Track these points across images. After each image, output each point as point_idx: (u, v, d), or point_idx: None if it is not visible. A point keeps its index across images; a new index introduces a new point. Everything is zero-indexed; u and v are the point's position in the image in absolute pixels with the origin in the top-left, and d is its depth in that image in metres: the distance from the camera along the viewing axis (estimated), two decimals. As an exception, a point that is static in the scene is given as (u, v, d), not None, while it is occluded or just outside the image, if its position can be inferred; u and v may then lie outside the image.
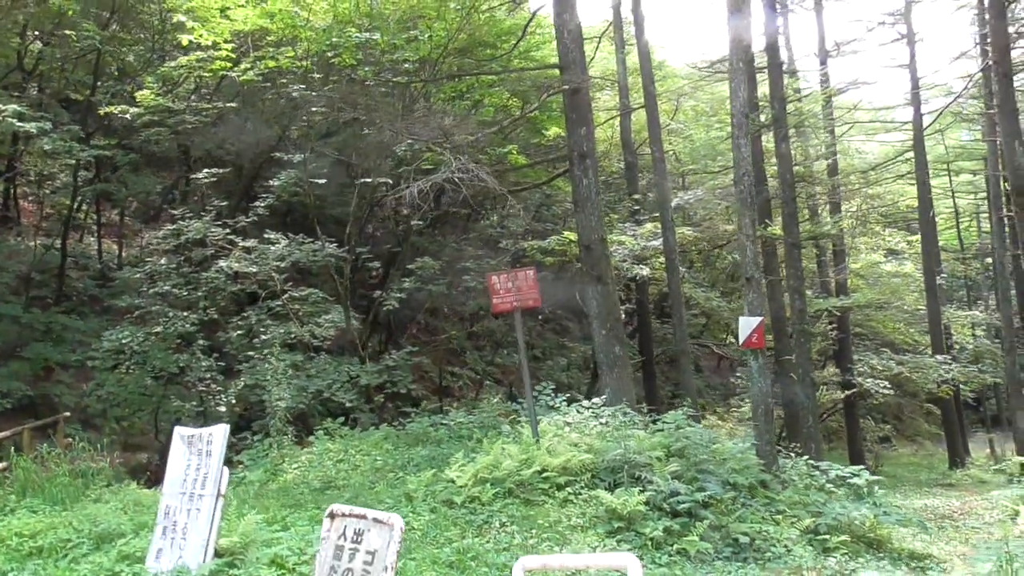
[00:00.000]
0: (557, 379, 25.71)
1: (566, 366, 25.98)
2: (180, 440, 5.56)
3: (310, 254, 13.55)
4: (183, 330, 13.35)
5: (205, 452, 5.33)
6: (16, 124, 13.48)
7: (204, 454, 5.33)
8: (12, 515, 7.43)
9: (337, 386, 12.37)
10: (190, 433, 5.51)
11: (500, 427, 10.29)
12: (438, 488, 7.80)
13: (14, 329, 17.00)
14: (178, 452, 5.53)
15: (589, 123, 12.32)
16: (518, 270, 8.74)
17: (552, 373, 25.73)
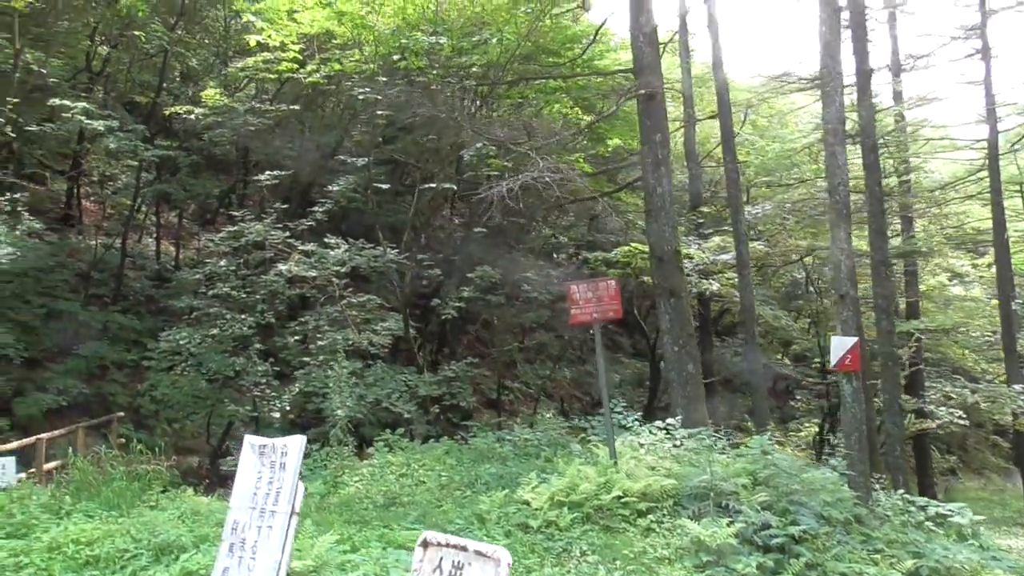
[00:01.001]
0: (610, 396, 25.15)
1: (618, 383, 25.34)
2: (251, 450, 5.17)
3: (371, 259, 13.21)
4: (239, 333, 13.11)
5: (279, 465, 4.92)
6: (84, 121, 13.44)
7: (278, 467, 4.92)
8: (68, 519, 7.12)
9: (396, 396, 11.98)
10: (262, 443, 5.11)
11: (569, 446, 9.77)
12: (511, 510, 7.31)
13: (72, 327, 16.99)
14: (248, 463, 5.13)
15: (664, 130, 11.81)
16: (599, 280, 8.25)
17: (605, 389, 25.15)
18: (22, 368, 15.16)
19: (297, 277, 13.63)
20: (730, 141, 13.27)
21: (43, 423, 14.97)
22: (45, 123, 15.21)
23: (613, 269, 14.88)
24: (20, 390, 15.03)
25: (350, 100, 16.33)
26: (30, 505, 7.26)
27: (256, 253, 13.98)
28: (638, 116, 11.97)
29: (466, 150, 12.57)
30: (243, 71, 14.63)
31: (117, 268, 19.19)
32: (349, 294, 13.60)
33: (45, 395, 15.03)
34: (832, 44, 8.92)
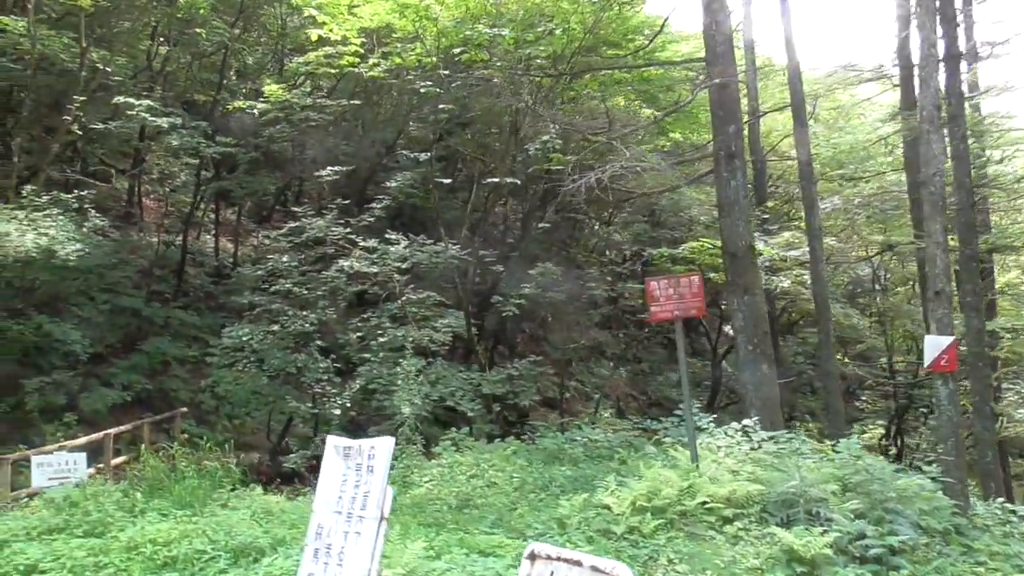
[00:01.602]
0: (667, 396, 24.66)
1: (676, 383, 24.82)
2: (334, 451, 4.96)
3: (432, 256, 13.02)
4: (301, 330, 13.03)
5: (366, 467, 4.71)
6: (148, 119, 13.50)
7: (365, 469, 4.70)
8: (142, 517, 7.03)
9: (460, 394, 11.76)
10: (347, 444, 4.90)
11: (643, 447, 9.44)
12: (590, 515, 7.01)
13: (135, 323, 17.18)
14: (332, 465, 4.93)
15: (738, 121, 11.37)
16: (681, 276, 7.91)
17: (661, 389, 24.66)
18: (87, 363, 15.34)
19: (358, 274, 13.50)
20: (803, 132, 12.75)
21: (108, 418, 15.12)
22: (109, 121, 15.36)
23: (678, 266, 14.46)
24: (86, 385, 15.21)
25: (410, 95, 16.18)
26: (105, 503, 7.19)
27: (316, 249, 13.88)
28: (710, 107, 11.56)
29: (531, 143, 12.29)
30: (304, 66, 14.54)
31: (178, 265, 19.38)
32: (409, 291, 13.41)
33: (110, 391, 15.19)
34: (927, 25, 8.42)
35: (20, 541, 6.48)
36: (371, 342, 13.59)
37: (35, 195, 12.37)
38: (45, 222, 11.88)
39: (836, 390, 12.52)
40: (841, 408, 12.55)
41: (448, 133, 19.47)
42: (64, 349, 15.25)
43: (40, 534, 6.62)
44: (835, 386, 12.47)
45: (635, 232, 17.77)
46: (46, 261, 12.80)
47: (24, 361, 14.99)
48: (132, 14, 16.87)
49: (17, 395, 14.13)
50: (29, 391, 13.91)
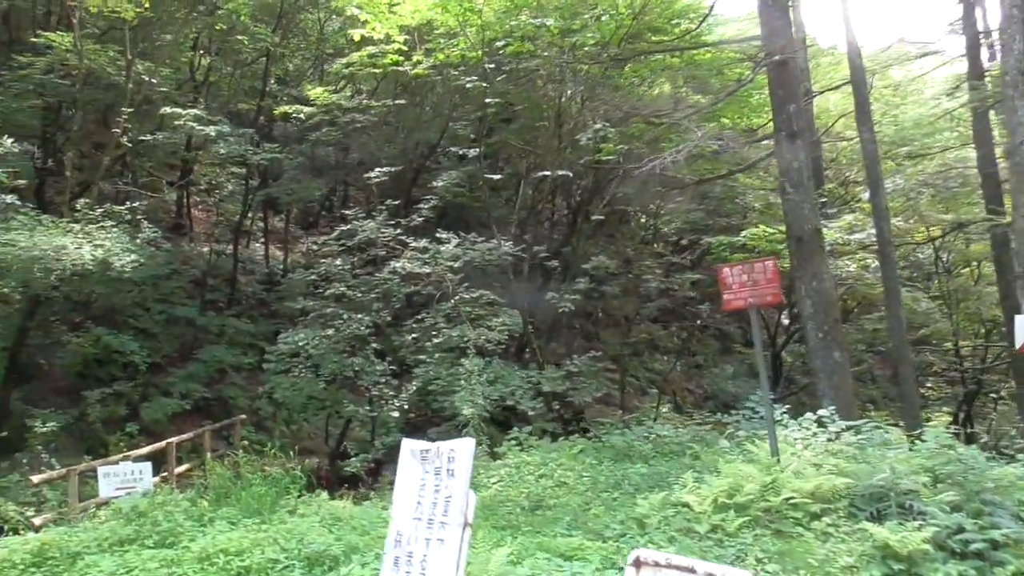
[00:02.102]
0: (723, 388, 24.14)
1: (732, 374, 24.32)
2: (411, 455, 4.74)
3: (485, 253, 12.80)
4: (356, 333, 12.92)
5: (446, 471, 4.49)
6: (196, 128, 13.51)
7: (445, 473, 4.48)
8: (211, 526, 6.93)
9: (520, 393, 11.51)
10: (424, 447, 4.68)
11: (716, 442, 9.08)
12: (670, 513, 6.71)
13: (191, 332, 17.30)
14: (409, 469, 4.72)
15: (798, 99, 10.93)
16: (755, 261, 7.54)
17: (717, 382, 24.14)
18: (146, 374, 15.48)
19: (411, 274, 13.35)
20: (866, 109, 12.24)
21: (168, 427, 15.23)
22: (156, 133, 15.46)
23: (736, 254, 14.03)
24: (146, 395, 15.33)
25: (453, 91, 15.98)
26: (174, 512, 7.10)
27: (368, 252, 13.76)
28: (768, 86, 11.12)
29: (582, 133, 11.99)
30: (347, 67, 14.43)
31: (229, 273, 19.51)
32: (462, 290, 13.21)
33: (169, 400, 15.29)
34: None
35: (93, 553, 6.41)
36: (426, 343, 13.44)
37: (88, 208, 12.44)
38: (99, 234, 11.93)
39: (911, 377, 11.99)
40: (916, 396, 12.01)
41: (492, 129, 19.27)
42: (123, 360, 15.42)
43: (112, 545, 6.54)
44: (909, 373, 11.94)
45: (691, 221, 17.31)
46: (102, 273, 12.88)
47: (85, 373, 15.17)
48: (174, 26, 16.97)
49: (79, 407, 14.29)
50: (91, 402, 14.05)
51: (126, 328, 16.09)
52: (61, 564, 6.30)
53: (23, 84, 14.46)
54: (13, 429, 12.66)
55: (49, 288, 11.73)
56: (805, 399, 22.49)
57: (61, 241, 10.64)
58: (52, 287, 11.73)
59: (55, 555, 6.52)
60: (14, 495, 11.63)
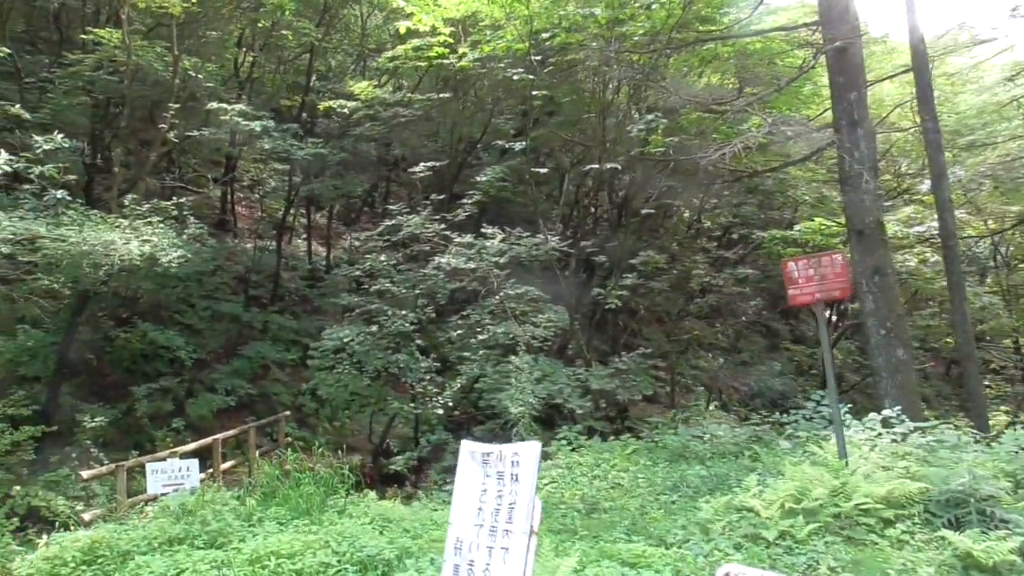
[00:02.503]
0: (770, 386, 23.56)
1: (778, 372, 23.71)
2: (470, 458, 4.52)
3: (531, 248, 12.55)
4: (401, 329, 12.76)
5: (510, 476, 4.26)
6: (241, 123, 13.47)
7: (509, 478, 4.26)
8: (260, 526, 6.80)
9: (568, 391, 11.24)
10: (485, 450, 4.46)
11: (775, 443, 8.74)
12: (734, 518, 6.41)
13: (235, 327, 17.33)
14: (469, 473, 4.50)
15: (860, 86, 10.50)
16: (822, 254, 7.19)
17: (764, 379, 23.57)
18: (191, 369, 15.52)
19: (455, 270, 13.16)
20: (928, 97, 11.73)
21: (213, 423, 15.25)
22: (202, 129, 15.48)
23: (791, 248, 13.59)
24: (191, 391, 15.38)
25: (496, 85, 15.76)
26: (223, 511, 6.98)
27: (412, 247, 13.60)
28: (828, 74, 10.71)
29: (632, 124, 11.67)
30: (391, 60, 14.26)
31: (272, 270, 19.51)
32: (510, 286, 12.98)
33: (215, 396, 15.31)
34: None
35: (142, 552, 6.31)
36: (470, 340, 13.25)
37: (136, 204, 12.45)
38: (146, 230, 11.92)
39: (976, 376, 11.47)
40: (982, 396, 11.49)
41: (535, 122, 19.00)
42: (169, 356, 15.48)
43: (161, 544, 6.45)
44: (975, 371, 11.42)
45: (742, 215, 16.85)
46: (149, 269, 12.90)
47: (132, 368, 15.25)
48: (219, 22, 16.99)
49: (127, 402, 14.36)
50: (139, 398, 14.11)
51: (171, 324, 16.16)
52: (111, 563, 6.22)
53: (73, 81, 14.56)
54: (62, 423, 12.73)
55: (98, 283, 11.75)
56: (856, 398, 21.92)
57: (109, 237, 10.61)
58: (101, 282, 11.75)
59: (105, 553, 6.44)
60: (63, 489, 11.70)
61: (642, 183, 14.18)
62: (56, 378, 13.40)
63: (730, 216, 16.88)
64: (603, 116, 14.17)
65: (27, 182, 12.22)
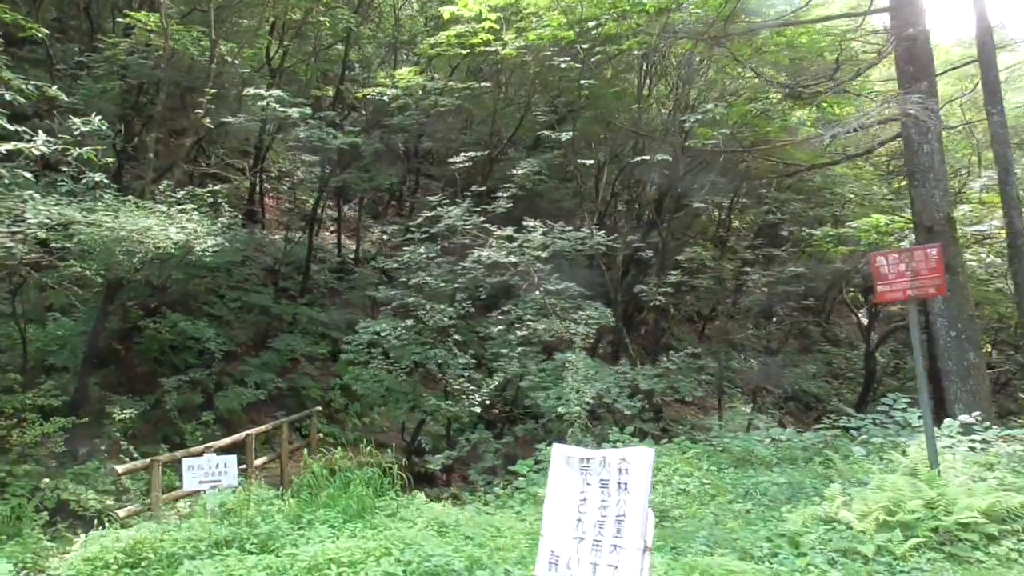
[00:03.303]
0: (805, 388, 23.04)
1: (812, 375, 23.15)
2: (565, 463, 4.10)
3: (576, 242, 12.10)
4: (440, 324, 12.37)
5: (616, 485, 3.84)
6: (278, 109, 13.11)
7: (616, 487, 3.84)
8: (310, 529, 6.41)
9: (617, 391, 10.79)
10: (584, 456, 4.03)
11: (847, 448, 8.25)
12: (822, 531, 5.95)
13: (264, 320, 17.01)
14: (565, 480, 4.08)
15: (930, 75, 10.01)
16: (914, 249, 6.73)
17: (799, 382, 23.03)
18: (221, 361, 15.20)
19: (495, 263, 12.73)
20: (995, 90, 11.19)
21: (242, 417, 14.92)
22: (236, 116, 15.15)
23: (843, 247, 13.07)
24: (220, 384, 15.06)
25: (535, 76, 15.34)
26: (270, 512, 6.60)
27: (452, 240, 13.20)
28: (896, 63, 10.22)
29: (688, 114, 11.20)
30: (432, 47, 13.83)
31: (300, 262, 19.18)
32: (551, 281, 12.54)
33: (244, 389, 14.99)
34: None
35: (190, 556, 5.95)
36: (509, 336, 12.84)
37: (170, 191, 12.11)
38: (180, 217, 11.58)
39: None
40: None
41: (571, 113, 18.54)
42: (198, 348, 15.16)
43: (208, 547, 6.07)
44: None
45: (791, 212, 16.31)
46: (181, 258, 12.58)
47: (160, 359, 14.94)
48: (253, 9, 16.68)
49: (155, 393, 14.05)
50: (168, 390, 13.80)
51: (200, 315, 15.86)
52: (157, 566, 5.85)
53: (107, 65, 14.27)
54: (91, 415, 12.43)
55: (132, 271, 11.42)
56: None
57: (146, 223, 10.26)
58: (135, 270, 11.42)
59: (149, 555, 6.08)
60: (93, 483, 11.39)
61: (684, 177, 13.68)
62: (84, 368, 13.09)
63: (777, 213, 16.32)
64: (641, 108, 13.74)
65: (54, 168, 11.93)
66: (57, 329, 13.64)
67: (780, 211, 16.18)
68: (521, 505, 7.82)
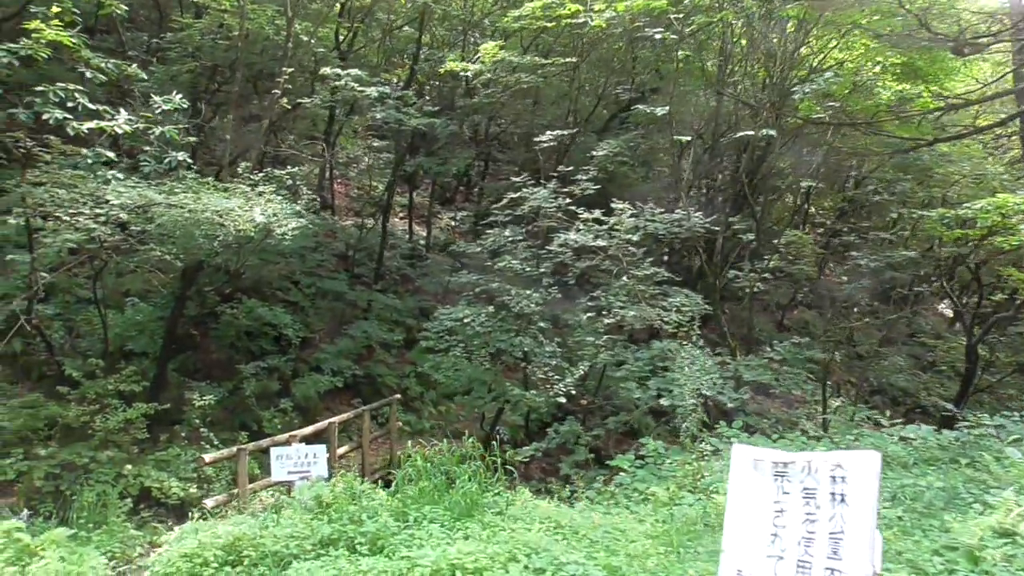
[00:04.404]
0: (892, 382, 21.93)
1: (901, 368, 21.97)
2: (752, 467, 3.51)
3: (671, 225, 11.42)
4: (525, 310, 11.83)
5: (829, 496, 3.22)
6: (356, 88, 12.70)
7: (829, 499, 3.22)
8: (419, 528, 5.92)
9: (720, 382, 10.10)
10: (780, 459, 3.43)
11: (993, 448, 7.45)
12: (1002, 544, 5.22)
13: (339, 306, 16.73)
14: (752, 486, 3.49)
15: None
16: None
17: (885, 375, 21.91)
18: (297, 348, 14.93)
19: (582, 247, 12.14)
20: None
21: (318, 404, 14.64)
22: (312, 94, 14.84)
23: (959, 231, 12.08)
24: (297, 371, 14.79)
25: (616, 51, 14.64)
26: (378, 509, 6.14)
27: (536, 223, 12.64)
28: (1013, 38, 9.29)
29: (800, 85, 10.40)
30: (517, 20, 13.24)
31: (373, 248, 18.85)
32: (645, 266, 11.89)
33: (321, 376, 14.71)
34: None
35: (294, 555, 5.52)
36: (596, 324, 12.25)
37: (248, 173, 11.79)
38: (259, 200, 11.25)
39: None
40: None
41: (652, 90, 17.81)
42: (274, 334, 14.92)
43: (314, 547, 5.64)
44: None
45: (898, 192, 15.30)
46: (260, 241, 12.26)
47: (236, 345, 14.74)
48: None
49: (232, 380, 13.84)
50: (246, 376, 13.56)
51: (274, 301, 15.63)
52: (262, 566, 5.43)
53: (182, 48, 14.07)
54: (170, 401, 12.24)
55: (212, 255, 11.14)
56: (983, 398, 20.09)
57: (228, 204, 9.93)
58: (215, 253, 11.13)
59: (250, 553, 5.67)
60: (175, 470, 11.19)
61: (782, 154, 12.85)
62: (163, 354, 12.91)
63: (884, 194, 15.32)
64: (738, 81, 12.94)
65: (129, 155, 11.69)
66: (136, 314, 13.50)
67: (888, 191, 15.16)
68: (636, 504, 7.23)
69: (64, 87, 8.67)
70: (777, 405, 19.34)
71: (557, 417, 14.32)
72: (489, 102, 14.37)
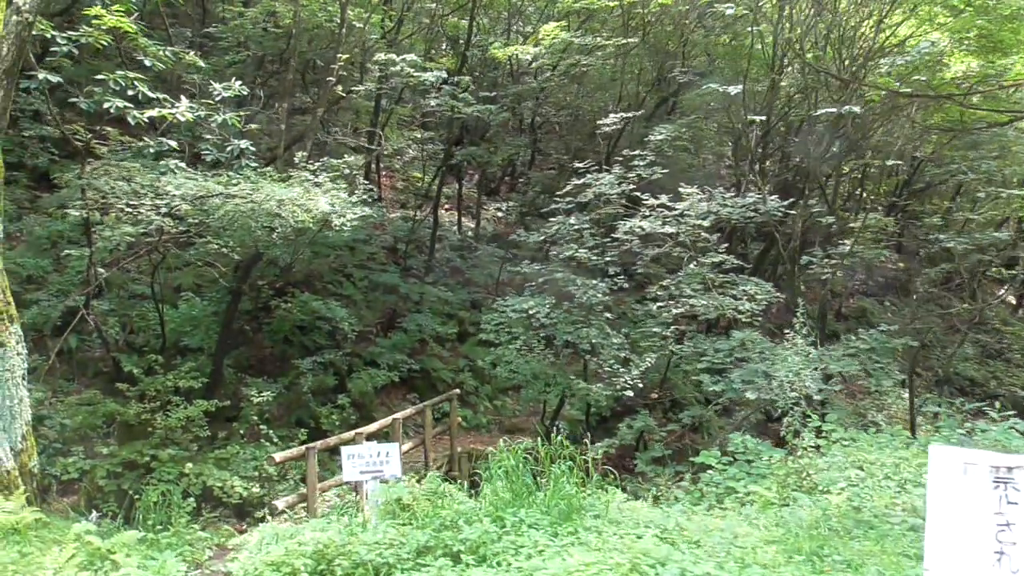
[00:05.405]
0: (959, 371, 21.12)
1: (969, 357, 21.13)
2: (962, 472, 3.03)
3: (746, 210, 10.87)
4: (593, 301, 11.37)
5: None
6: (412, 73, 12.31)
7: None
8: (518, 534, 5.48)
9: (807, 374, 9.55)
10: (1000, 463, 2.94)
11: None
12: None
13: (391, 299, 16.41)
14: (963, 494, 3.00)
15: None
16: None
17: (953, 365, 21.08)
18: (352, 342, 14.63)
19: (648, 235, 11.64)
20: None
21: (374, 399, 14.33)
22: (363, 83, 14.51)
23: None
24: (352, 365, 14.49)
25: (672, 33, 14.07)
26: (474, 513, 5.72)
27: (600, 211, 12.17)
28: None
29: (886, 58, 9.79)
30: (577, 1, 12.76)
31: (420, 240, 18.52)
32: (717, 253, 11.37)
33: (377, 370, 14.40)
34: None
35: (392, 564, 5.11)
36: (664, 314, 11.76)
37: (304, 162, 11.46)
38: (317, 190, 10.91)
39: None
40: None
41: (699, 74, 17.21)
42: (327, 328, 14.62)
43: (410, 555, 5.23)
44: None
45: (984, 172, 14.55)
46: (316, 233, 11.94)
47: (290, 340, 14.46)
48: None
49: (287, 375, 13.57)
50: (303, 371, 13.27)
51: (326, 294, 15.33)
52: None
53: (232, 38, 13.80)
54: (227, 397, 11.99)
55: (271, 246, 10.83)
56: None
57: (290, 194, 9.59)
58: (273, 245, 10.82)
59: (341, 562, 5.27)
60: (235, 468, 10.92)
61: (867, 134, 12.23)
62: (219, 350, 12.67)
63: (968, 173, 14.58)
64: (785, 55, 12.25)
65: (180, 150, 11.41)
66: (190, 309, 13.28)
67: (971, 170, 14.41)
68: (738, 505, 6.75)
69: (124, 74, 8.39)
70: (842, 398, 18.70)
71: (616, 412, 13.86)
72: (542, 87, 13.86)
